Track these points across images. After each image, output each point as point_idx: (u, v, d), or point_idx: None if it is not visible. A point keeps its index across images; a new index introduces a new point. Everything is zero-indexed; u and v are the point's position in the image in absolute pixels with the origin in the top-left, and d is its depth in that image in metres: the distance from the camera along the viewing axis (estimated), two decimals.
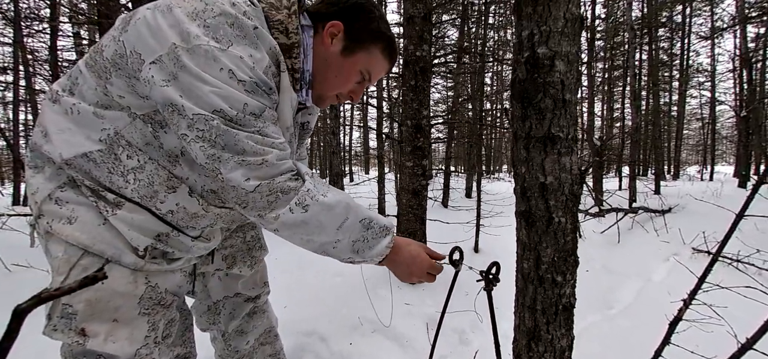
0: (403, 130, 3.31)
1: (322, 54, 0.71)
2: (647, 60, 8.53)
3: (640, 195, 6.34)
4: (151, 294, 0.70)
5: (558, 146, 0.87)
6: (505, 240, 3.34)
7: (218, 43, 0.56)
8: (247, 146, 0.58)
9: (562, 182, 0.87)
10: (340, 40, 0.70)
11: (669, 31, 10.18)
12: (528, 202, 0.91)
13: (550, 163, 0.87)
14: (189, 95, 0.55)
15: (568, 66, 0.87)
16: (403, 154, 3.36)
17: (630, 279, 2.98)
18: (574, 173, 0.88)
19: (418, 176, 3.24)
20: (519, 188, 0.94)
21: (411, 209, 3.23)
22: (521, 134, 0.92)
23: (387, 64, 0.76)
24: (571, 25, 0.87)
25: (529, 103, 0.89)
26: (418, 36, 3.10)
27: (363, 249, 0.70)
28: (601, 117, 12.23)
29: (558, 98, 0.86)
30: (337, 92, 0.75)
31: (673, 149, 11.46)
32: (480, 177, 4.11)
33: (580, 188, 0.89)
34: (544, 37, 0.86)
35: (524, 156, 0.92)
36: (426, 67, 3.17)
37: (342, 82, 0.73)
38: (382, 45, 0.73)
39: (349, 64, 0.71)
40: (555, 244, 0.87)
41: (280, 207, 0.62)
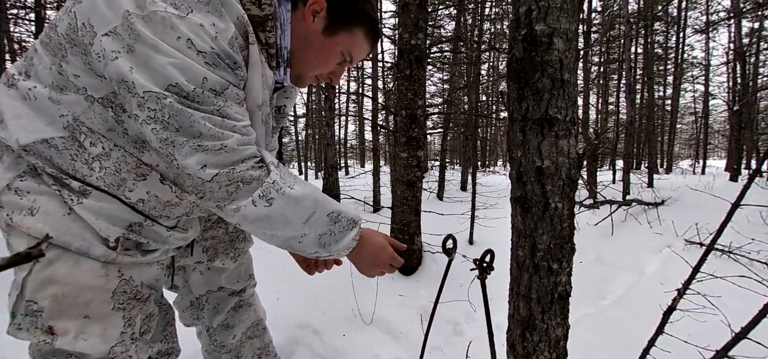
0: (398, 120, 3.27)
1: (302, 31, 0.66)
2: (643, 53, 8.54)
3: (634, 188, 6.38)
4: (126, 288, 0.66)
5: (556, 128, 0.83)
6: (499, 232, 3.33)
7: (177, 9, 0.50)
8: (204, 129, 0.53)
9: (560, 166, 0.83)
10: (323, 19, 0.66)
11: (665, 25, 10.19)
12: (524, 187, 0.87)
13: (547, 146, 0.83)
14: (141, 68, 0.50)
15: (567, 44, 0.83)
16: (397, 145, 3.32)
17: (623, 270, 2.99)
18: (572, 156, 0.85)
19: (412, 168, 3.21)
20: (514, 173, 0.90)
21: (405, 201, 3.20)
22: (517, 116, 0.88)
23: (369, 47, 0.72)
24: (571, 0, 0.83)
25: (526, 83, 0.85)
26: (413, 24, 3.04)
27: (330, 243, 0.66)
28: (597, 110, 12.27)
29: (556, 77, 0.82)
30: (316, 73, 0.71)
31: (667, 142, 11.55)
32: (475, 169, 4.09)
33: (578, 172, 0.86)
34: (543, 13, 0.82)
35: (520, 139, 0.88)
36: (421, 56, 3.12)
37: (322, 62, 0.69)
38: (365, 27, 0.69)
39: (331, 44, 0.67)
40: (551, 230, 0.84)
41: (241, 199, 0.57)
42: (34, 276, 0.58)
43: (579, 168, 0.86)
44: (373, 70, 6.77)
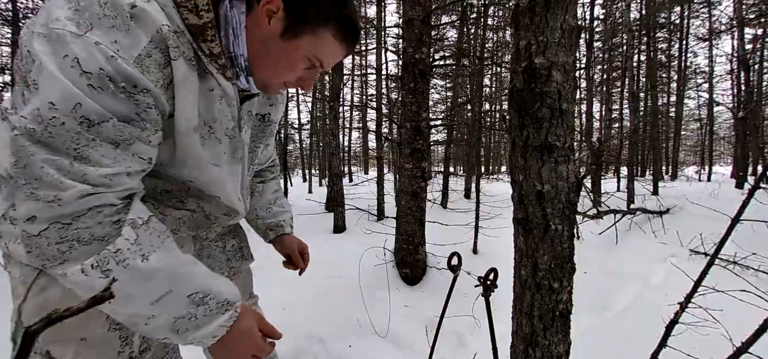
0: (402, 132, 3.32)
1: (259, 36, 0.57)
2: (646, 61, 8.56)
3: (639, 196, 6.37)
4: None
5: (555, 154, 0.88)
6: (503, 242, 3.36)
7: (77, 27, 0.44)
8: (43, 174, 0.44)
9: (559, 190, 0.88)
10: (280, 20, 0.56)
11: (667, 33, 10.22)
12: (525, 209, 0.92)
13: (547, 171, 0.88)
14: (16, 89, 0.45)
15: (564, 76, 0.88)
16: (402, 156, 3.37)
17: (628, 281, 3.00)
18: (571, 181, 0.90)
19: (417, 178, 3.26)
20: (516, 196, 0.95)
21: (410, 211, 3.24)
22: (519, 142, 0.93)
23: (342, 49, 0.61)
24: (568, 35, 0.88)
25: (527, 112, 0.90)
26: (417, 39, 3.11)
27: (186, 330, 0.54)
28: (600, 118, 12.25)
29: (555, 107, 0.87)
30: (281, 80, 0.63)
31: (671, 149, 11.51)
32: (479, 179, 4.12)
33: (577, 196, 0.91)
34: (542, 47, 0.87)
35: (522, 164, 0.93)
36: (425, 70, 3.19)
37: (285, 69, 0.60)
38: (334, 28, 0.58)
39: (292, 48, 0.58)
40: (552, 251, 0.89)
41: (71, 263, 0.47)
42: (30, 302, 0.57)
43: (578, 192, 0.90)
44: (377, 82, 6.86)
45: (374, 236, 3.86)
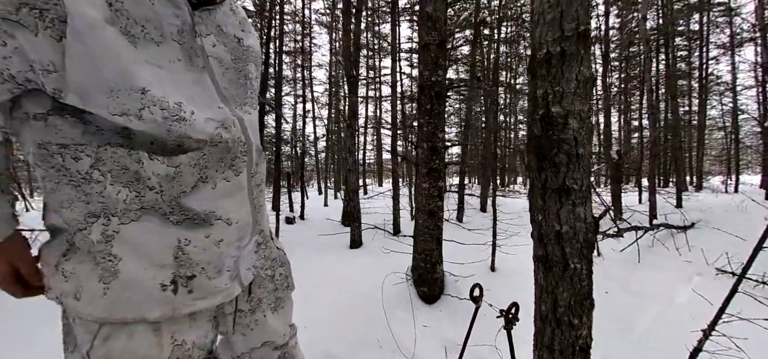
0: (419, 152, 3.40)
1: None
2: (665, 70, 8.40)
3: (661, 209, 6.19)
4: (179, 354, 0.62)
5: (572, 197, 0.94)
6: (522, 260, 3.36)
7: None
8: None
9: (577, 230, 0.94)
10: None
11: (687, 40, 10.01)
12: (545, 248, 0.98)
13: (565, 213, 0.94)
14: None
15: (580, 123, 0.95)
16: (418, 175, 3.45)
17: (650, 301, 2.94)
18: (589, 221, 0.95)
19: (434, 197, 3.31)
20: (536, 234, 1.01)
21: (427, 230, 3.29)
22: (537, 184, 1.00)
23: None
24: (583, 85, 0.95)
25: (545, 157, 0.97)
26: (433, 62, 3.21)
27: None
28: (619, 128, 12.00)
29: (572, 153, 0.94)
30: None
31: (695, 159, 11.12)
32: (495, 195, 4.14)
33: (595, 235, 0.96)
34: (558, 97, 0.95)
35: (541, 205, 0.99)
36: (441, 92, 3.27)
37: None
38: None
39: None
40: (571, 288, 0.94)
41: None
42: (95, 352, 0.57)
43: (596, 232, 0.96)
44: (392, 102, 6.99)
45: (391, 254, 3.92)
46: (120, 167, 0.51)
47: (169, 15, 0.54)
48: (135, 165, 0.51)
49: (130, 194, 0.52)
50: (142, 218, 0.53)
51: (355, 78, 5.75)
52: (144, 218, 0.53)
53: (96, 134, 0.49)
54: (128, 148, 0.50)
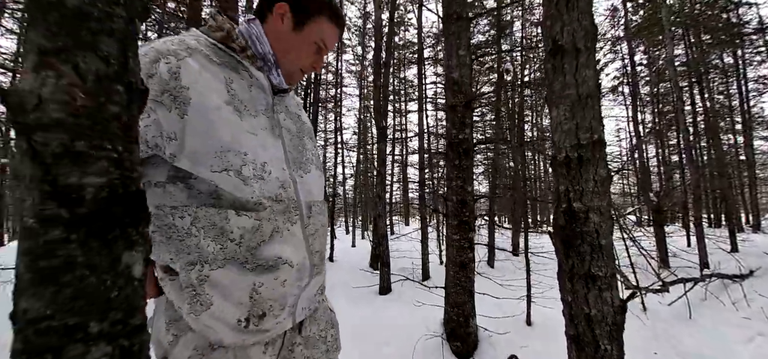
0: (449, 205, 3.54)
1: (276, 34, 0.76)
2: (702, 105, 8.14)
3: (714, 254, 5.75)
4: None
5: (598, 283, 1.05)
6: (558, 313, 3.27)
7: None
8: None
9: (605, 314, 1.04)
10: (290, 19, 0.75)
11: (722, 74, 9.68)
12: (576, 328, 1.08)
13: (592, 297, 1.05)
14: None
15: (601, 217, 1.08)
16: (449, 227, 3.55)
17: None
18: (616, 305, 1.05)
19: (464, 249, 3.39)
20: (567, 314, 1.11)
21: (459, 282, 3.34)
22: (565, 268, 1.12)
23: (336, 29, 0.81)
24: (601, 184, 1.09)
25: (570, 245, 1.09)
26: (460, 122, 3.44)
27: None
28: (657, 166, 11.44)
29: (595, 244, 1.06)
30: (300, 67, 0.80)
31: (749, 196, 10.26)
32: (527, 245, 4.12)
33: (623, 317, 1.05)
34: (578, 194, 1.09)
35: (569, 287, 1.11)
36: (468, 149, 3.46)
37: (301, 55, 0.78)
38: (327, 13, 0.78)
39: (303, 37, 0.76)
40: None
41: None
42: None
43: (623, 313, 1.05)
44: (420, 159, 7.26)
45: (424, 306, 3.94)
46: (210, 224, 0.63)
47: (260, 98, 0.73)
48: (222, 221, 0.64)
49: (216, 247, 0.64)
50: (226, 266, 0.65)
51: (384, 129, 6.12)
52: (227, 266, 0.65)
53: (196, 197, 0.63)
54: (217, 207, 0.64)
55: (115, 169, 0.45)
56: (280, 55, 0.77)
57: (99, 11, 0.42)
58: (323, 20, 0.77)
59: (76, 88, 0.39)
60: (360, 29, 11.47)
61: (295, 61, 0.78)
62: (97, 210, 0.40)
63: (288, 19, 0.75)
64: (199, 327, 0.66)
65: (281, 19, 0.75)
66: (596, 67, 1.13)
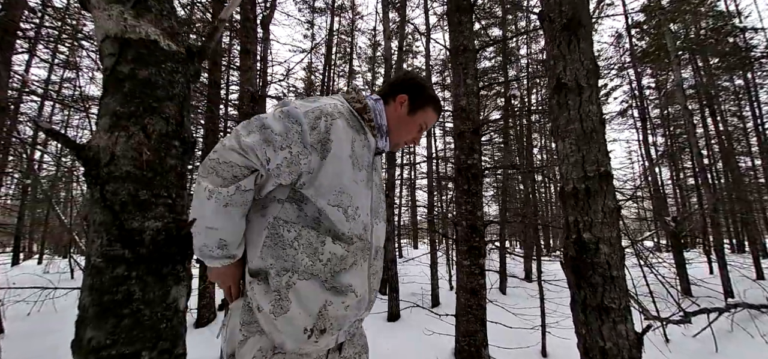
0: (459, 230, 3.53)
1: (394, 115, 1.00)
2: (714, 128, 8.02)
3: (738, 282, 5.50)
4: None
5: (612, 315, 1.05)
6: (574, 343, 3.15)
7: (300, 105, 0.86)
8: (233, 133, 0.77)
9: (621, 347, 1.03)
10: (406, 106, 1.00)
11: (734, 96, 9.60)
12: None
13: (606, 330, 1.05)
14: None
15: (611, 248, 1.09)
16: (459, 252, 3.53)
17: None
18: (631, 338, 1.04)
19: (475, 276, 3.34)
20: (582, 348, 1.10)
21: (470, 310, 3.27)
22: (578, 299, 1.12)
23: (436, 116, 1.06)
24: (610, 215, 1.11)
25: (582, 276, 1.10)
26: (469, 147, 3.49)
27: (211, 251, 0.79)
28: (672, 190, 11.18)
29: (607, 275, 1.07)
30: (405, 140, 1.03)
31: None
32: (540, 273, 4.03)
33: (639, 352, 1.04)
34: (587, 225, 1.11)
35: (583, 319, 1.10)
36: (477, 174, 3.49)
37: (408, 132, 1.02)
38: (433, 106, 1.03)
39: (412, 120, 1.01)
40: None
41: (208, 181, 0.75)
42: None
43: (640, 347, 1.04)
44: (429, 184, 7.32)
45: (434, 335, 3.86)
46: (308, 243, 0.80)
47: (367, 156, 0.93)
48: (318, 244, 0.81)
49: (308, 262, 0.80)
50: (310, 279, 0.80)
51: (393, 153, 6.21)
52: (310, 280, 0.80)
53: (303, 218, 0.81)
54: (316, 231, 0.81)
55: (169, 213, 0.51)
56: (393, 129, 1.00)
57: (163, 79, 0.50)
58: (429, 110, 1.03)
59: (143, 146, 0.46)
60: (370, 58, 11.88)
61: (404, 135, 1.02)
62: (154, 250, 0.46)
63: (405, 106, 1.00)
64: (270, 329, 0.79)
65: (400, 105, 1.00)
66: (600, 102, 1.18)
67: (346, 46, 11.49)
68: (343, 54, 11.97)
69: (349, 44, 10.52)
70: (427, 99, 1.02)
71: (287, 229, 0.80)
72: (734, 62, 8.34)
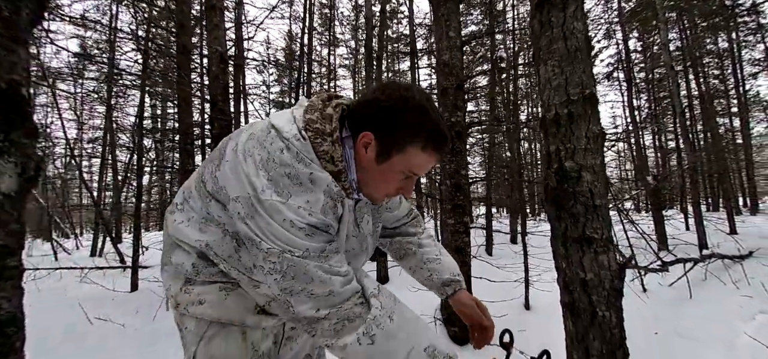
0: (443, 189, 3.47)
1: (360, 163, 0.73)
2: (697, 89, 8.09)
3: (713, 237, 5.71)
4: (255, 357, 0.85)
5: (594, 246, 0.98)
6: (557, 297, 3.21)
7: (279, 196, 0.65)
8: (315, 276, 0.65)
9: (602, 278, 0.97)
10: (374, 149, 0.71)
11: (717, 58, 9.64)
12: (571, 295, 1.01)
13: (588, 261, 0.98)
14: (263, 234, 0.66)
15: (594, 176, 1.01)
16: (444, 211, 3.49)
17: (708, 345, 2.69)
18: (613, 269, 0.98)
19: (460, 234, 3.32)
20: (562, 281, 1.04)
21: None
22: (558, 232, 1.05)
23: (432, 157, 0.72)
24: (594, 141, 1.02)
25: (562, 207, 1.02)
26: (452, 104, 3.36)
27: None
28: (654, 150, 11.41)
29: (589, 204, 0.99)
30: (383, 194, 0.77)
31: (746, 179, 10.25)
32: (525, 229, 4.06)
33: (621, 282, 0.98)
34: (570, 153, 1.02)
35: (563, 252, 1.04)
36: (461, 132, 3.39)
37: (384, 185, 0.75)
38: (420, 144, 0.70)
39: (387, 168, 0.72)
40: (601, 337, 0.95)
41: (346, 336, 0.67)
42: (201, 350, 0.81)
43: (622, 278, 0.98)
44: None
45: (419, 291, 3.88)
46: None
47: (350, 221, 0.80)
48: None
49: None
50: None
51: None
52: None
53: None
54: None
55: None
56: (362, 182, 0.75)
57: None
58: (413, 150, 0.70)
59: None
60: (352, 23, 11.35)
61: (377, 189, 0.76)
62: None
63: (372, 149, 0.71)
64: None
65: (365, 148, 0.71)
66: (585, 18, 1.06)
67: (327, 13, 10.93)
68: (324, 20, 11.41)
69: (329, 7, 9.97)
70: (409, 136, 0.70)
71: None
72: (719, 22, 8.29)
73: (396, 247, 1.06)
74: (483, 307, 0.98)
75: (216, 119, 3.69)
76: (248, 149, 0.70)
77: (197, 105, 6.59)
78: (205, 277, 0.82)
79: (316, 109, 0.73)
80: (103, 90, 8.08)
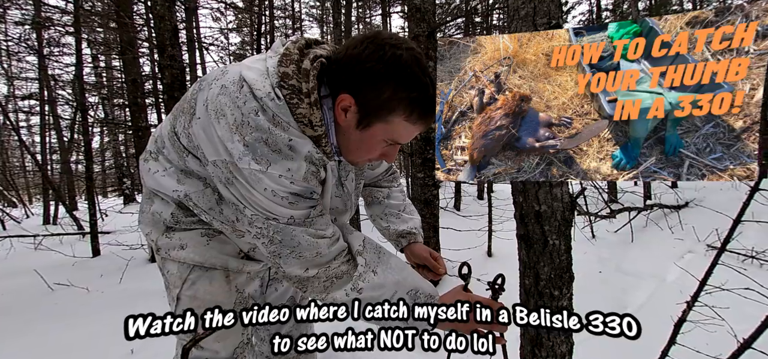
0: (413, 143, 3.46)
1: (340, 127, 0.68)
2: None
3: (657, 189, 6.28)
4: (240, 299, 0.87)
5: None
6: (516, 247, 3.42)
7: (258, 164, 0.60)
8: (302, 240, 0.65)
9: (555, 210, 1.00)
10: (354, 114, 0.64)
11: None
12: (526, 227, 1.04)
13: (543, 194, 1.00)
14: (245, 201, 0.64)
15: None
16: (413, 165, 3.50)
17: (644, 279, 3.02)
18: (565, 201, 1.01)
19: (429, 187, 3.38)
20: (518, 215, 1.07)
21: (424, 219, 3.36)
22: None
23: (416, 126, 0.67)
24: None
25: None
26: (423, 54, 3.24)
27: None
28: None
29: None
30: (365, 159, 0.73)
31: None
32: (490, 184, 4.20)
33: (572, 213, 1.02)
34: None
35: (521, 187, 1.05)
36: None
37: (365, 151, 0.70)
38: (403, 112, 0.63)
39: (368, 136, 0.67)
40: (551, 263, 1.00)
41: (335, 292, 0.69)
42: (185, 293, 0.82)
43: (572, 210, 1.02)
44: None
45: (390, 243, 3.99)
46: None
47: (335, 190, 0.83)
48: None
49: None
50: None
51: None
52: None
53: None
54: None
55: None
56: (342, 146, 0.71)
57: None
58: (396, 119, 0.64)
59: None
60: None
61: (358, 155, 0.72)
62: None
63: (353, 114, 0.65)
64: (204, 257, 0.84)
65: (345, 113, 0.65)
66: None
67: None
68: None
69: None
70: (392, 103, 0.62)
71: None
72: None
73: (365, 193, 1.09)
74: (436, 256, 1.00)
75: (166, 66, 3.32)
76: (220, 107, 0.63)
77: (145, 53, 5.93)
78: (185, 225, 0.82)
79: (292, 61, 0.63)
80: (32, 37, 6.99)
